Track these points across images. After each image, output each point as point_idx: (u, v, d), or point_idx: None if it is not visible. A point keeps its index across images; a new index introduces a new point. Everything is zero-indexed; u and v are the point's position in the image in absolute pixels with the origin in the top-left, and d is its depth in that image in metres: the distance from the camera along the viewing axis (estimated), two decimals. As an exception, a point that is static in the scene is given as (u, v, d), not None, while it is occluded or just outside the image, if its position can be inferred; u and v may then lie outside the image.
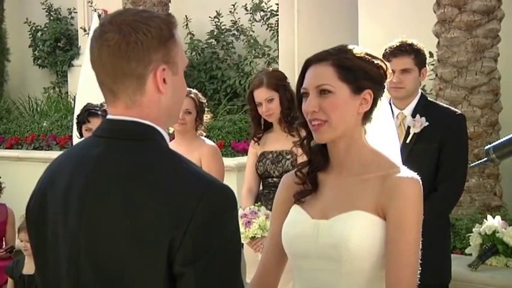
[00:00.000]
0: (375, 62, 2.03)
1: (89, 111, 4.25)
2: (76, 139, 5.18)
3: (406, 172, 1.98)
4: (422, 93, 3.63)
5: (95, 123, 4.13)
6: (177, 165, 1.55)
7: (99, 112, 4.20)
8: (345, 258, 1.93)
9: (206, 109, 4.30)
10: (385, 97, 2.07)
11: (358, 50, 2.03)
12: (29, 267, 5.01)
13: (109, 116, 1.61)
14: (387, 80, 2.06)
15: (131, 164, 1.53)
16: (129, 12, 1.59)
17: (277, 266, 2.14)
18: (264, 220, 3.90)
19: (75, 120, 4.66)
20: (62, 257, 1.57)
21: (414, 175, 1.97)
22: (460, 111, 3.77)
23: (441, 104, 3.93)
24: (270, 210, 3.89)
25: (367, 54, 2.03)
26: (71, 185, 1.57)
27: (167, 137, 1.62)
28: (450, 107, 3.85)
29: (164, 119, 1.61)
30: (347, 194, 2.00)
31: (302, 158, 2.17)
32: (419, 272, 1.93)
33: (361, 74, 1.99)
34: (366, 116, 2.03)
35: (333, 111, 1.97)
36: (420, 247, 1.95)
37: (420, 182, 1.96)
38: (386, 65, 2.05)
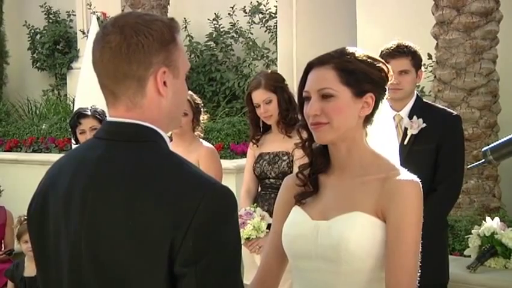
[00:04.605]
0: (377, 65, 2.03)
1: (78, 114, 4.31)
2: (73, 145, 5.19)
3: (406, 175, 1.98)
4: (417, 94, 3.66)
5: (86, 123, 4.21)
6: (178, 166, 1.56)
7: (88, 112, 4.25)
8: (344, 259, 1.93)
9: (203, 109, 4.30)
10: (386, 99, 2.08)
11: (360, 53, 2.02)
12: (30, 270, 5.00)
13: (109, 118, 1.62)
14: (389, 83, 2.06)
15: (132, 165, 1.54)
16: (132, 15, 1.61)
17: (278, 267, 2.14)
18: (258, 221, 3.89)
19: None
20: (63, 258, 1.58)
21: (415, 178, 1.97)
22: (455, 112, 3.80)
23: (436, 105, 3.95)
24: (267, 210, 3.91)
25: (369, 57, 2.03)
26: (72, 186, 1.58)
27: (167, 139, 1.63)
28: (446, 108, 3.86)
29: (165, 122, 1.62)
30: (347, 196, 2.00)
31: (303, 160, 2.17)
32: (418, 273, 1.94)
33: (363, 78, 1.99)
34: (368, 119, 2.03)
35: (335, 114, 1.97)
36: (420, 249, 1.96)
37: (421, 185, 1.96)
38: (387, 68, 2.05)
